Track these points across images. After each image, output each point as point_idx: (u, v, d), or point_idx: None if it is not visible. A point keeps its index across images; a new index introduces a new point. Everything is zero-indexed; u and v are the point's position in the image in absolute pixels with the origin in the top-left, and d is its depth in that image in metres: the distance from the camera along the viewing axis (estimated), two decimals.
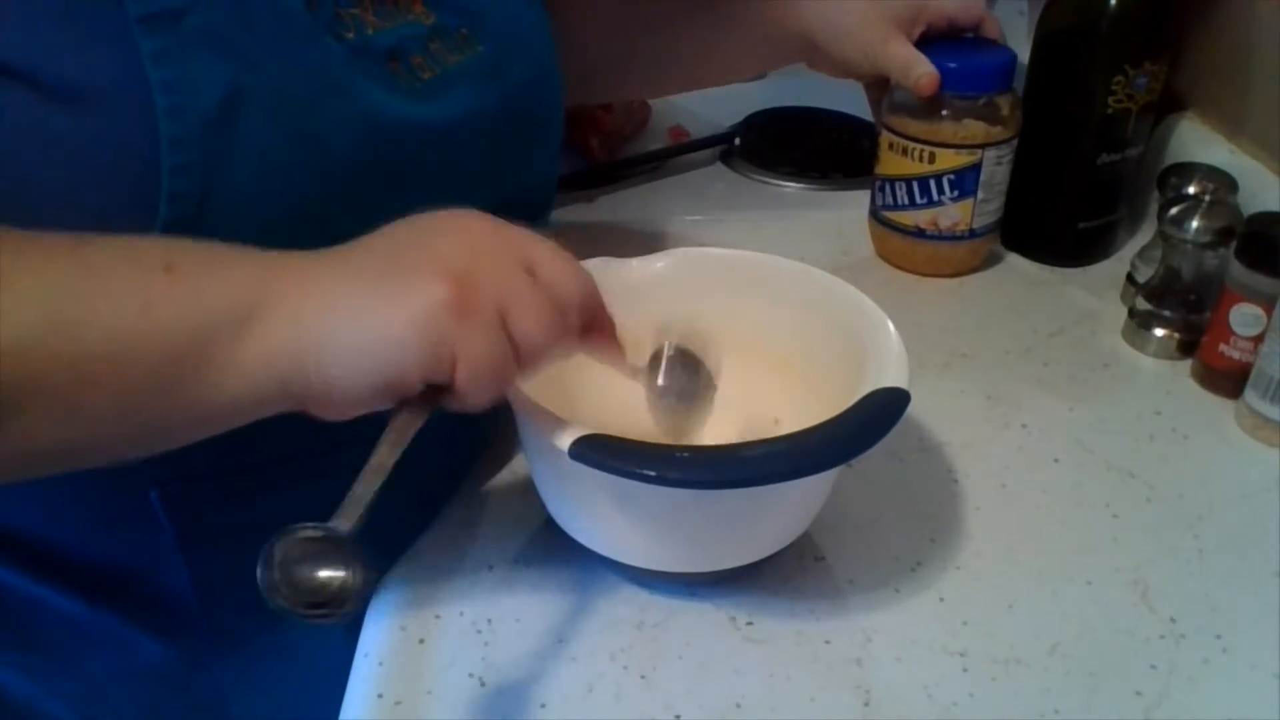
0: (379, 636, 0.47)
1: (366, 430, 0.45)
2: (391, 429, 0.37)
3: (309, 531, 0.31)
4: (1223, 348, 0.61)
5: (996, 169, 0.70)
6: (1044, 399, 0.63)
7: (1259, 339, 0.59)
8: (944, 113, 0.69)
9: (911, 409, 0.44)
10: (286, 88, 0.40)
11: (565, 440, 0.41)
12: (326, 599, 0.31)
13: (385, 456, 0.35)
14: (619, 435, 0.42)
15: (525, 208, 0.48)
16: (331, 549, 0.31)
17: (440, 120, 0.45)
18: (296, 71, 0.40)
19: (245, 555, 0.46)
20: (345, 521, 0.32)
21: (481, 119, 0.48)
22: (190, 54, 0.38)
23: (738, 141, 0.94)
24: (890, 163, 0.72)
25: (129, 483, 0.43)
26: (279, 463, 0.45)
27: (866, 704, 0.44)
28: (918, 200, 0.72)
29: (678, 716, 0.44)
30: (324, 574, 0.31)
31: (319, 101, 0.41)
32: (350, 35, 0.43)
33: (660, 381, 0.48)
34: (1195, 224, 0.63)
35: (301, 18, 0.41)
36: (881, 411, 0.43)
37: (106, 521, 0.46)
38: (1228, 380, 0.62)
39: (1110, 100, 0.70)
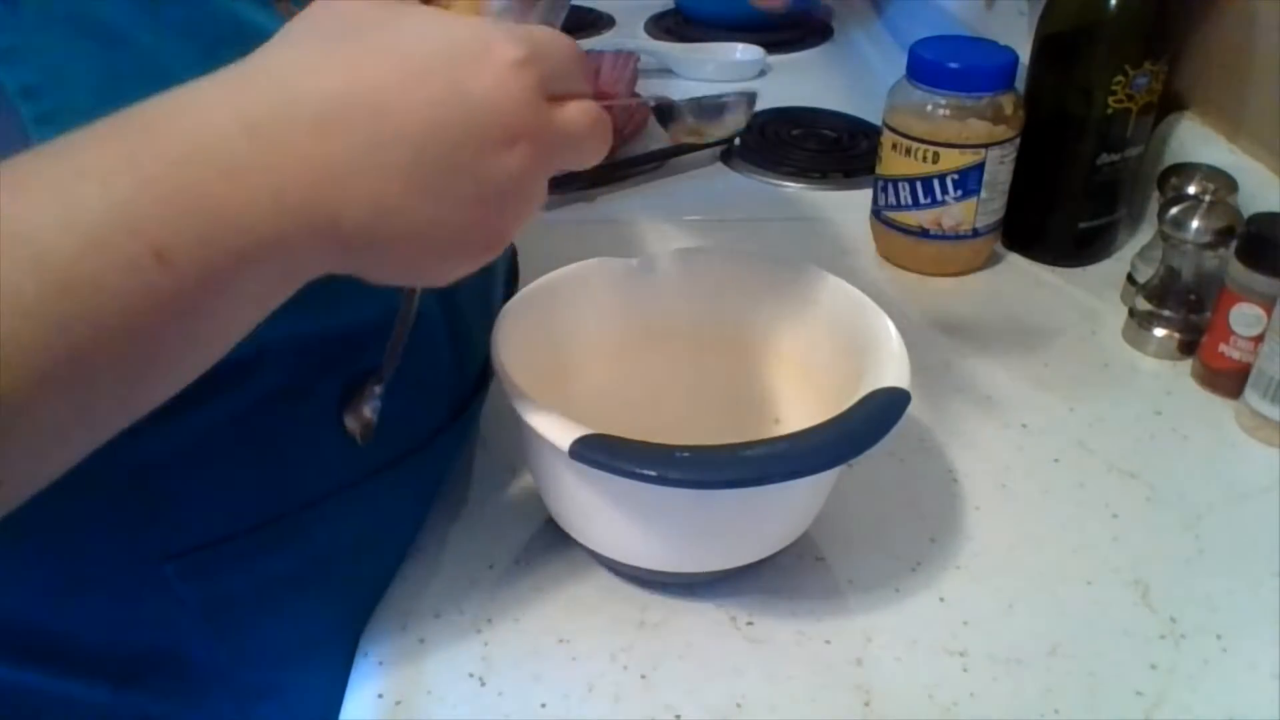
0: (379, 636, 0.47)
1: (378, 465, 0.45)
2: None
3: (372, 384, 0.42)
4: (1223, 348, 0.61)
5: (999, 168, 0.71)
6: (1044, 399, 0.63)
7: (1259, 339, 0.59)
8: (947, 113, 0.69)
9: (911, 409, 0.44)
10: (165, 53, 0.34)
11: (565, 440, 0.41)
12: (367, 425, 0.42)
13: (409, 307, 0.42)
14: (619, 435, 0.42)
15: None
16: (376, 388, 0.42)
17: None
18: (172, 31, 0.34)
19: (276, 612, 0.45)
20: (387, 370, 0.42)
21: None
22: (43, 45, 0.31)
23: (738, 141, 0.94)
24: (893, 163, 0.72)
25: (140, 558, 0.41)
26: (294, 512, 0.43)
27: (866, 704, 0.44)
28: (921, 200, 0.72)
29: (678, 716, 0.44)
30: (369, 410, 0.42)
31: (207, 60, 0.34)
32: None
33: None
34: (1195, 224, 0.63)
35: None
36: (882, 411, 0.43)
37: (123, 603, 0.42)
38: (1228, 380, 0.62)
39: (1110, 100, 0.70)
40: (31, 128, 0.31)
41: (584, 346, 0.54)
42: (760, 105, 1.02)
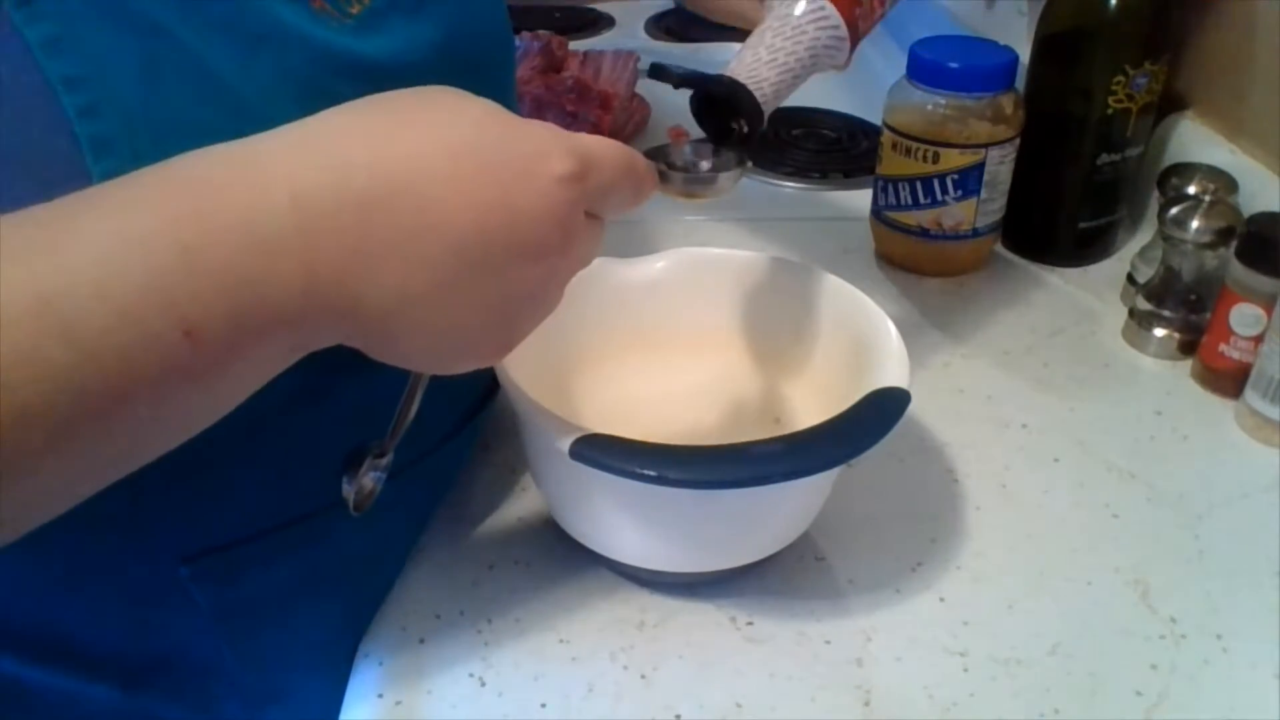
0: (380, 636, 0.47)
1: (390, 470, 0.45)
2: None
3: (374, 453, 0.40)
4: (1223, 348, 0.61)
5: (999, 168, 0.71)
6: (1044, 399, 0.63)
7: (1259, 339, 0.59)
8: (947, 113, 0.69)
9: (912, 409, 0.44)
10: (206, 49, 0.33)
11: (565, 440, 0.41)
12: (366, 498, 0.41)
13: (415, 388, 0.40)
14: (619, 435, 0.42)
15: None
16: (378, 461, 0.41)
17: (386, 56, 0.39)
18: (213, 27, 0.34)
19: (286, 615, 0.45)
20: (391, 443, 0.41)
21: (426, 53, 0.41)
22: (86, 35, 0.31)
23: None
24: (893, 163, 0.72)
25: (155, 560, 0.40)
26: (308, 516, 0.43)
27: (866, 704, 0.44)
28: (921, 200, 0.72)
29: (678, 716, 0.44)
30: (369, 481, 0.41)
31: (247, 59, 0.34)
32: None
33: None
34: (1195, 224, 0.63)
35: None
36: (882, 411, 0.43)
37: (136, 605, 0.42)
38: (1228, 380, 0.62)
39: (1110, 100, 0.70)
40: (75, 119, 0.31)
41: (584, 347, 0.54)
42: (765, 121, 1.02)
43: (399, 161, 0.31)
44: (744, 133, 0.49)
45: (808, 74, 0.49)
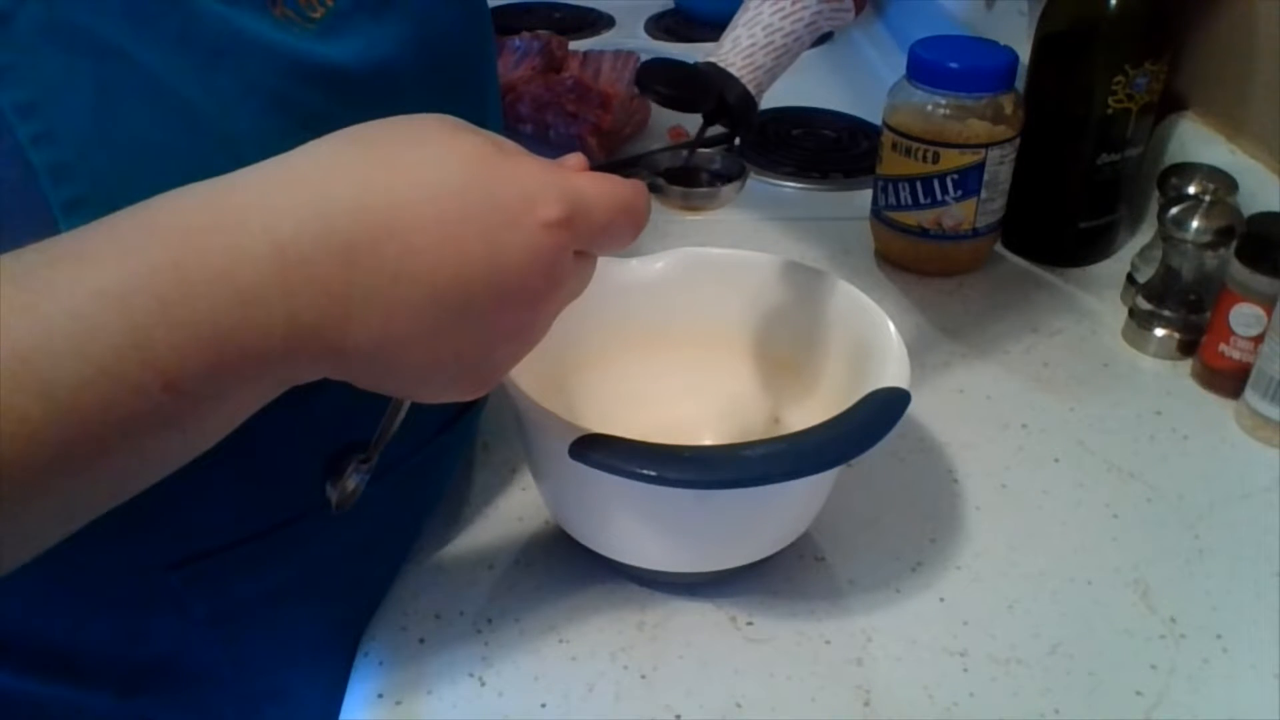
0: (379, 636, 0.47)
1: (381, 470, 0.45)
2: None
3: (358, 459, 0.41)
4: (1223, 348, 0.61)
5: (999, 168, 0.71)
6: (1044, 399, 0.63)
7: (1259, 339, 0.59)
8: (947, 113, 0.69)
9: (911, 409, 0.44)
10: (162, 67, 0.32)
11: (565, 440, 0.41)
12: (348, 497, 0.42)
13: (400, 404, 0.40)
14: (619, 435, 0.42)
15: None
16: (362, 465, 0.41)
17: (354, 59, 0.38)
18: (169, 44, 0.33)
19: (281, 617, 0.45)
20: (375, 450, 0.41)
21: (396, 52, 0.39)
22: (37, 62, 0.30)
23: (738, 142, 0.94)
24: (893, 163, 0.72)
25: (146, 567, 0.40)
26: (299, 518, 0.42)
27: (866, 704, 0.44)
28: (921, 200, 0.72)
29: (678, 716, 0.44)
30: (353, 483, 0.41)
31: (207, 74, 0.33)
32: None
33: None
34: (1195, 224, 0.63)
35: None
36: (882, 411, 0.43)
37: (128, 613, 0.42)
38: (1228, 380, 0.62)
39: (1110, 100, 0.70)
40: (28, 147, 0.30)
41: (584, 347, 0.54)
42: (760, 105, 1.02)
43: (383, 207, 0.31)
44: (735, 124, 0.48)
45: (805, 47, 0.48)
